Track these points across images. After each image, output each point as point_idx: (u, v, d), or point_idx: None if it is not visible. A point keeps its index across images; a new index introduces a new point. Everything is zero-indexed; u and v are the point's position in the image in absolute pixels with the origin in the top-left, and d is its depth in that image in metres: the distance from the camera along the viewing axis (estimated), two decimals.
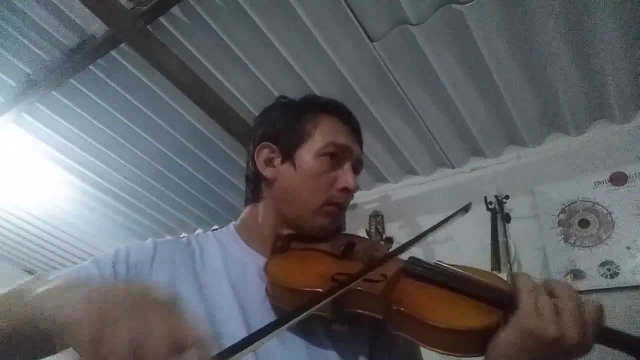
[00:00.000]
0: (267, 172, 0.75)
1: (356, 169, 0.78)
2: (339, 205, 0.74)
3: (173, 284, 0.65)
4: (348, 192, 0.74)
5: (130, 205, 2.88)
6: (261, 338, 0.39)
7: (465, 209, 0.74)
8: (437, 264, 0.63)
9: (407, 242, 0.63)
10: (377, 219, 2.18)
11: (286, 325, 0.43)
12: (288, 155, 0.74)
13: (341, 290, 0.51)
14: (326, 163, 0.73)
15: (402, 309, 0.55)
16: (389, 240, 0.77)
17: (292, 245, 0.74)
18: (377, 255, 0.68)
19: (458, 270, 0.61)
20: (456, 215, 0.72)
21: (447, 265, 0.63)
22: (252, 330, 0.40)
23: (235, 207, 2.76)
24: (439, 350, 0.52)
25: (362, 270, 0.56)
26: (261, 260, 0.70)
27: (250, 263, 0.71)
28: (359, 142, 0.80)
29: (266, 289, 0.67)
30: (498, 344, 0.50)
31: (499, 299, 0.53)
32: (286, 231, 0.74)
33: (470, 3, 1.39)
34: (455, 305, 0.55)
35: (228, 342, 0.38)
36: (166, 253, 0.69)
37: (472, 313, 0.53)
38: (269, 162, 0.76)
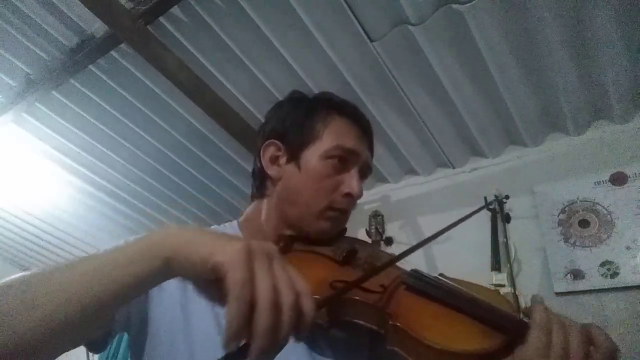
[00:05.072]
0: (272, 171, 0.74)
1: (364, 173, 0.76)
2: (341, 210, 0.72)
3: (164, 313, 0.61)
4: (351, 197, 0.71)
5: (131, 205, 2.88)
6: None
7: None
8: (438, 278, 0.61)
9: (407, 250, 0.59)
10: (377, 219, 2.17)
11: None
12: (294, 155, 0.72)
13: (328, 301, 0.49)
14: (331, 166, 0.71)
15: (397, 324, 0.53)
16: (389, 240, 0.76)
17: (295, 246, 0.72)
18: (377, 264, 0.66)
19: (459, 287, 0.59)
20: (475, 213, 0.71)
21: (449, 281, 0.61)
22: None
23: (235, 207, 2.75)
24: None
25: (355, 281, 0.53)
26: None
27: None
28: (370, 146, 0.78)
29: None
30: None
31: (501, 323, 0.50)
32: (288, 232, 0.72)
33: (471, 3, 1.39)
34: (452, 325, 0.53)
35: None
36: None
37: (470, 335, 0.51)
38: (274, 160, 0.74)
